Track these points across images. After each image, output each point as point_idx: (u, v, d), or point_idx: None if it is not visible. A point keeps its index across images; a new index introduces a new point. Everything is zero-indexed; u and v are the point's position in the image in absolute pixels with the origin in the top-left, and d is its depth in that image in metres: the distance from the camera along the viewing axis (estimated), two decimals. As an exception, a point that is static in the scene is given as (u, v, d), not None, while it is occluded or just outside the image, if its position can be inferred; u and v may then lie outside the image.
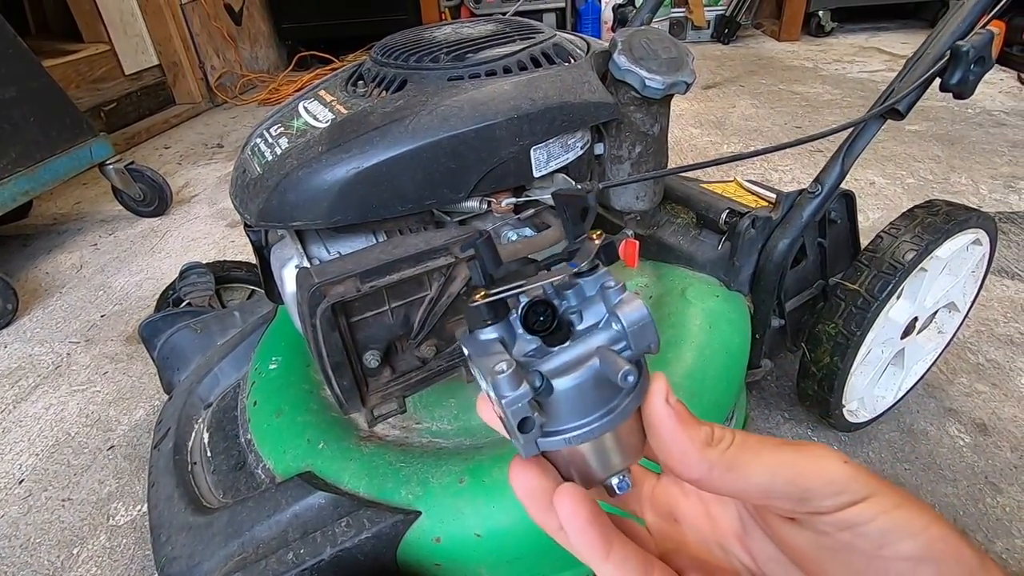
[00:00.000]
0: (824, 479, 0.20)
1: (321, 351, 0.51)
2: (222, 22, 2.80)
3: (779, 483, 0.20)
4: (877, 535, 0.19)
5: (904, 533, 0.19)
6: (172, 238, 1.63)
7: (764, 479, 0.21)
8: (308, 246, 0.58)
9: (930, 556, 0.19)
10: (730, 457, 0.21)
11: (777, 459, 0.21)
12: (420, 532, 0.56)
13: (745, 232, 0.73)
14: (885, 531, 0.19)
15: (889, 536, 0.19)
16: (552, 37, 0.63)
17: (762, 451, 0.21)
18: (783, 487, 0.20)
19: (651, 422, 0.22)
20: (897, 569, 0.19)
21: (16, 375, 1.15)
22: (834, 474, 0.20)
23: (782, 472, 0.20)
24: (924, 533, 0.19)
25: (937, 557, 0.19)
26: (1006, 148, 1.78)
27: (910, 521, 0.19)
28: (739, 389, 0.76)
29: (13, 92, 1.39)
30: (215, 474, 0.69)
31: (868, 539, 0.19)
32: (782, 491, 0.20)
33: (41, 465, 0.95)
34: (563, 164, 0.61)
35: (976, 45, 0.63)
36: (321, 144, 0.53)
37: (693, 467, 0.22)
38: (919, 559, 0.19)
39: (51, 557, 0.81)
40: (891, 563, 0.19)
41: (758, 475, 0.21)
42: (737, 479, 0.21)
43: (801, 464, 0.20)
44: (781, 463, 0.21)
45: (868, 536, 0.19)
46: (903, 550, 0.19)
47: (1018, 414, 0.92)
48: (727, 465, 0.21)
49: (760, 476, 0.21)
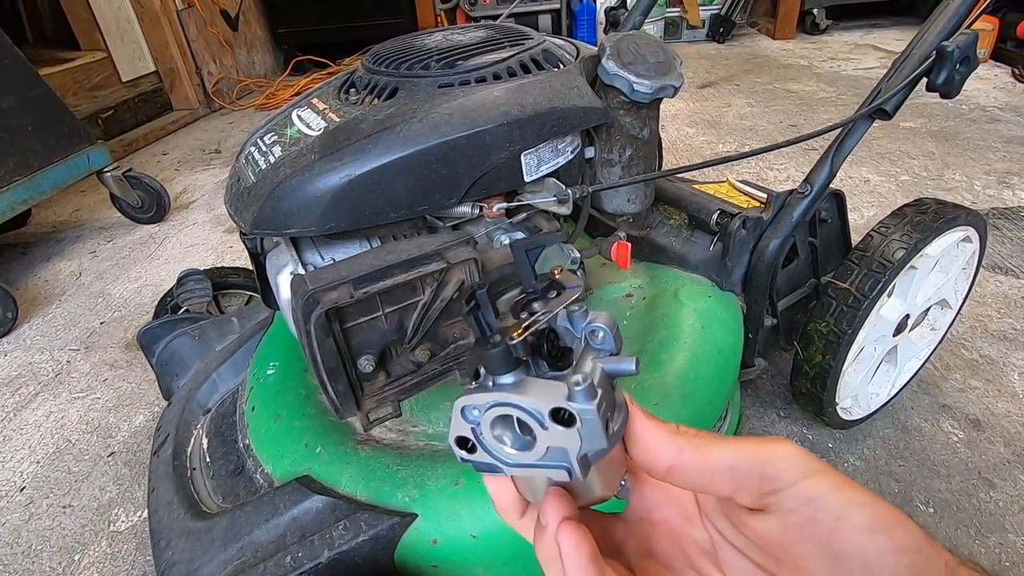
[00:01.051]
0: (782, 456, 0.22)
1: (316, 357, 0.52)
2: (218, 28, 2.81)
3: (743, 458, 0.23)
4: (834, 506, 0.21)
5: (857, 505, 0.21)
6: (170, 245, 1.64)
7: (730, 456, 0.23)
8: (303, 252, 0.59)
9: (881, 526, 0.21)
10: (698, 442, 0.24)
11: (739, 443, 0.23)
12: (417, 534, 0.57)
13: (736, 233, 0.74)
14: (840, 502, 0.21)
15: (844, 508, 0.21)
16: (541, 43, 0.64)
17: (725, 439, 0.24)
18: (747, 462, 0.23)
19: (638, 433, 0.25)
20: (855, 539, 0.21)
21: (16, 383, 1.16)
22: (790, 450, 0.23)
23: (745, 452, 0.23)
24: (872, 507, 0.21)
25: (887, 527, 0.21)
26: (1000, 144, 1.78)
27: (858, 496, 0.21)
28: (733, 388, 0.76)
29: (11, 101, 1.40)
30: (214, 479, 0.70)
31: (827, 511, 0.21)
32: (746, 467, 0.23)
33: (42, 472, 0.96)
34: (554, 168, 0.61)
35: (961, 45, 0.64)
36: (314, 152, 0.54)
37: (665, 452, 0.24)
38: (871, 529, 0.21)
39: (53, 563, 0.82)
40: (851, 534, 0.21)
41: (725, 454, 0.23)
42: (707, 459, 0.23)
43: (761, 444, 0.23)
44: (743, 445, 0.23)
45: (827, 508, 0.21)
46: (859, 520, 0.21)
47: (1011, 409, 0.92)
48: (695, 448, 0.24)
49: (726, 455, 0.23)
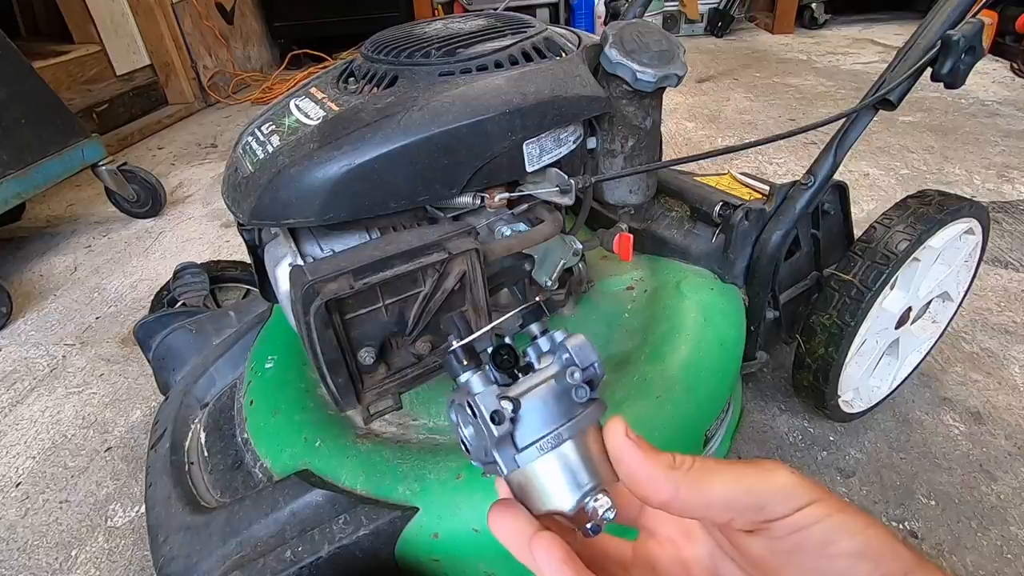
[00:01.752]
0: (776, 487, 0.23)
1: (316, 349, 0.51)
2: (214, 21, 2.79)
3: (739, 494, 0.23)
4: (821, 535, 0.22)
5: (844, 533, 0.22)
6: (166, 239, 1.63)
7: (726, 491, 0.23)
8: (301, 244, 0.58)
9: (868, 553, 0.21)
10: (694, 475, 0.24)
11: (734, 474, 0.23)
12: (418, 528, 0.56)
13: (739, 225, 0.73)
14: (828, 531, 0.22)
15: (831, 535, 0.22)
16: (543, 31, 0.63)
17: (721, 469, 0.24)
18: (743, 497, 0.23)
19: (616, 455, 0.25)
20: (840, 566, 0.22)
21: (11, 378, 1.15)
22: (784, 482, 0.23)
23: (740, 484, 0.23)
24: (862, 534, 0.22)
25: (875, 555, 0.21)
26: (999, 138, 1.78)
27: (849, 523, 0.22)
28: (735, 381, 0.76)
29: (4, 94, 1.38)
30: (212, 474, 0.69)
31: (814, 539, 0.22)
32: (742, 501, 0.23)
33: (38, 468, 0.95)
34: (556, 158, 0.61)
35: (967, 34, 0.64)
36: (313, 141, 0.53)
37: (661, 488, 0.24)
38: (859, 556, 0.21)
39: (49, 559, 0.81)
40: (835, 560, 0.22)
41: (720, 488, 0.23)
42: (702, 494, 0.24)
43: (755, 476, 0.23)
44: (738, 476, 0.23)
45: (814, 537, 0.22)
46: (844, 548, 0.22)
47: (1012, 402, 0.92)
48: (691, 483, 0.24)
49: (722, 489, 0.23)
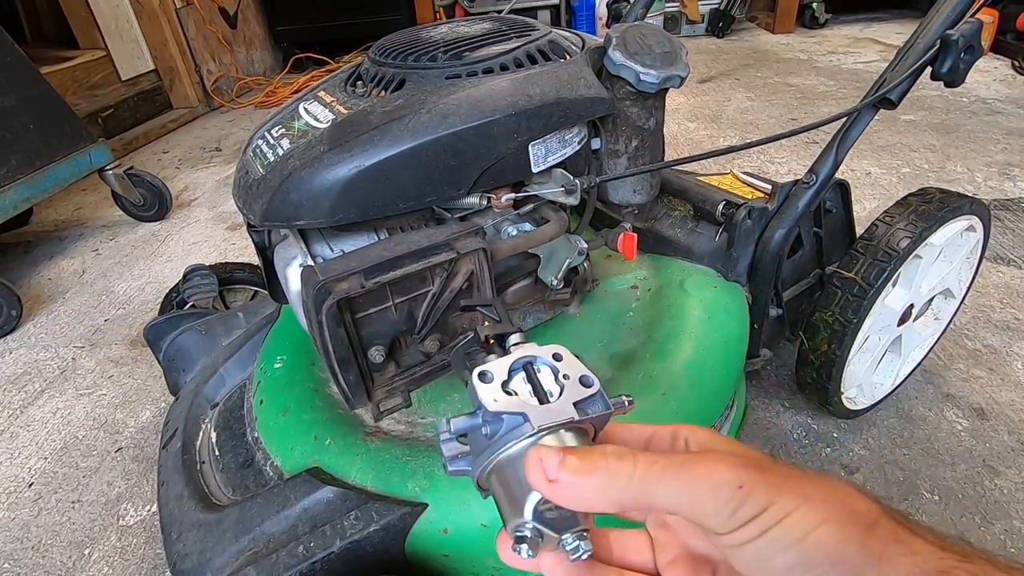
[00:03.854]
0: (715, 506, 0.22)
1: (327, 347, 0.52)
2: (217, 26, 2.81)
3: (681, 507, 0.23)
4: (755, 552, 0.22)
5: (778, 548, 0.21)
6: (173, 242, 1.64)
7: (668, 504, 0.23)
8: (311, 245, 0.59)
9: (804, 563, 0.21)
10: (635, 490, 0.23)
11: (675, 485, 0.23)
12: (427, 524, 0.57)
13: (742, 223, 0.74)
14: (762, 548, 0.21)
15: (766, 552, 0.22)
16: (547, 34, 0.64)
17: (665, 477, 0.23)
18: (684, 511, 0.23)
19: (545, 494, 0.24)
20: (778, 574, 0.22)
21: (22, 380, 1.16)
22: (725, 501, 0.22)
23: (682, 499, 0.23)
24: (798, 544, 0.21)
25: (812, 563, 0.21)
26: (1000, 136, 1.78)
27: (789, 532, 0.21)
28: (738, 378, 0.77)
29: (12, 100, 1.40)
30: (224, 472, 0.70)
31: (749, 555, 0.22)
32: (684, 513, 0.23)
33: (50, 468, 0.96)
34: (561, 159, 0.61)
35: (966, 34, 0.64)
36: (322, 144, 0.54)
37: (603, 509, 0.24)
38: (793, 567, 0.21)
39: (63, 558, 0.82)
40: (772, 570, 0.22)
41: (662, 502, 0.23)
42: (649, 506, 0.23)
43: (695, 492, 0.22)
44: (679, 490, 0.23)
45: (750, 553, 0.22)
46: (779, 563, 0.21)
47: (1015, 398, 0.93)
48: (634, 498, 0.23)
49: (664, 502, 0.23)
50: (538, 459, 0.24)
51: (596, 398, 0.27)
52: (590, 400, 0.27)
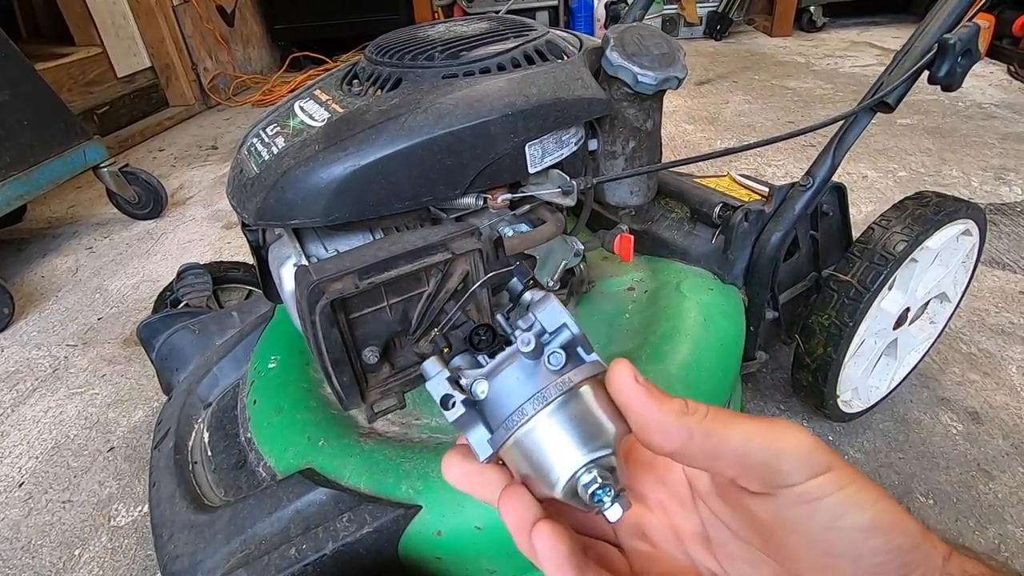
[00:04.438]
0: (791, 450, 0.22)
1: (321, 348, 0.52)
2: (214, 24, 2.80)
3: (754, 447, 0.22)
4: (834, 507, 0.21)
5: (857, 507, 0.21)
6: (168, 240, 1.63)
7: (740, 443, 0.22)
8: (306, 244, 0.59)
9: (879, 527, 0.21)
10: (708, 424, 0.23)
11: (751, 427, 0.22)
12: (421, 526, 0.57)
13: (738, 226, 0.74)
14: (841, 503, 0.21)
15: (844, 508, 0.21)
16: (545, 34, 0.64)
17: (736, 420, 0.23)
18: (757, 452, 0.22)
19: (625, 402, 0.23)
20: (851, 538, 0.21)
21: (14, 379, 1.15)
22: (802, 443, 0.22)
23: (756, 438, 0.22)
24: (873, 507, 0.21)
25: (885, 528, 0.21)
26: (996, 140, 1.79)
27: (861, 496, 0.21)
28: (735, 381, 0.76)
29: (6, 96, 1.39)
30: (216, 473, 0.70)
31: (826, 511, 0.21)
32: (755, 458, 0.22)
33: (41, 468, 0.95)
34: (558, 160, 0.61)
35: (963, 38, 0.64)
36: (318, 143, 0.54)
37: (673, 436, 0.23)
38: (870, 530, 0.21)
39: (53, 559, 0.81)
40: (845, 533, 0.21)
41: (735, 439, 0.22)
42: (717, 444, 0.22)
43: (773, 432, 0.22)
44: (755, 430, 0.22)
45: (826, 509, 0.21)
46: (856, 522, 0.21)
47: (1009, 402, 0.93)
48: (705, 432, 0.22)
49: (737, 440, 0.22)
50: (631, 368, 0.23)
51: None
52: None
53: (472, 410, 0.25)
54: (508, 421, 0.24)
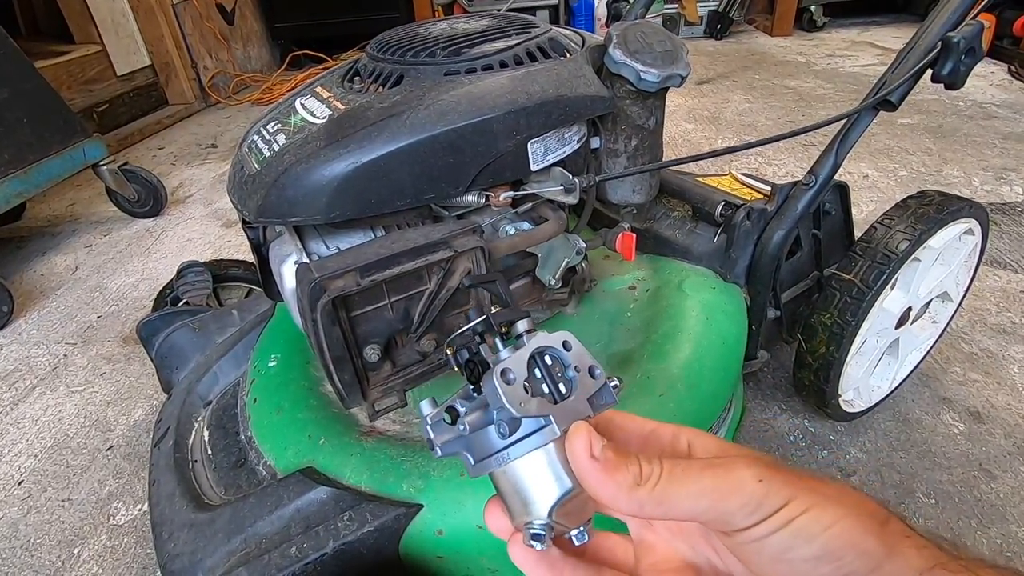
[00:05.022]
0: (740, 500, 0.23)
1: (322, 346, 0.52)
2: (214, 22, 2.79)
3: (702, 507, 0.23)
4: (779, 543, 0.22)
5: (804, 539, 0.22)
6: (167, 239, 1.63)
7: (689, 505, 0.23)
8: (307, 242, 0.59)
9: (828, 555, 0.22)
10: (658, 493, 0.24)
11: (698, 488, 0.23)
12: (422, 525, 0.57)
13: (740, 224, 0.74)
14: (786, 538, 0.22)
15: (790, 542, 0.22)
16: (547, 32, 0.63)
17: (686, 481, 0.24)
18: (706, 511, 0.23)
19: (579, 475, 0.25)
20: (799, 569, 0.22)
21: (13, 377, 1.15)
22: (747, 495, 0.23)
23: (705, 497, 0.23)
24: (824, 534, 0.22)
25: (837, 554, 0.22)
26: (997, 140, 1.79)
27: (813, 525, 0.22)
28: (736, 380, 0.76)
29: (5, 94, 1.38)
30: (216, 471, 0.70)
31: (773, 547, 0.23)
32: (706, 514, 0.23)
33: (40, 466, 0.95)
34: (560, 158, 0.61)
35: (967, 36, 0.64)
36: (319, 140, 0.53)
37: (624, 507, 0.24)
38: (818, 559, 0.22)
39: (52, 557, 0.81)
40: (793, 564, 0.22)
41: (685, 502, 0.23)
42: (666, 510, 0.24)
43: (723, 486, 0.23)
44: (702, 491, 0.23)
45: (772, 544, 0.23)
46: (802, 554, 0.22)
47: (1011, 402, 0.93)
48: (656, 501, 0.24)
49: (686, 503, 0.23)
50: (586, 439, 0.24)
51: (604, 390, 0.27)
52: (599, 393, 0.27)
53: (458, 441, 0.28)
54: (482, 464, 0.27)
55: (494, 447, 0.26)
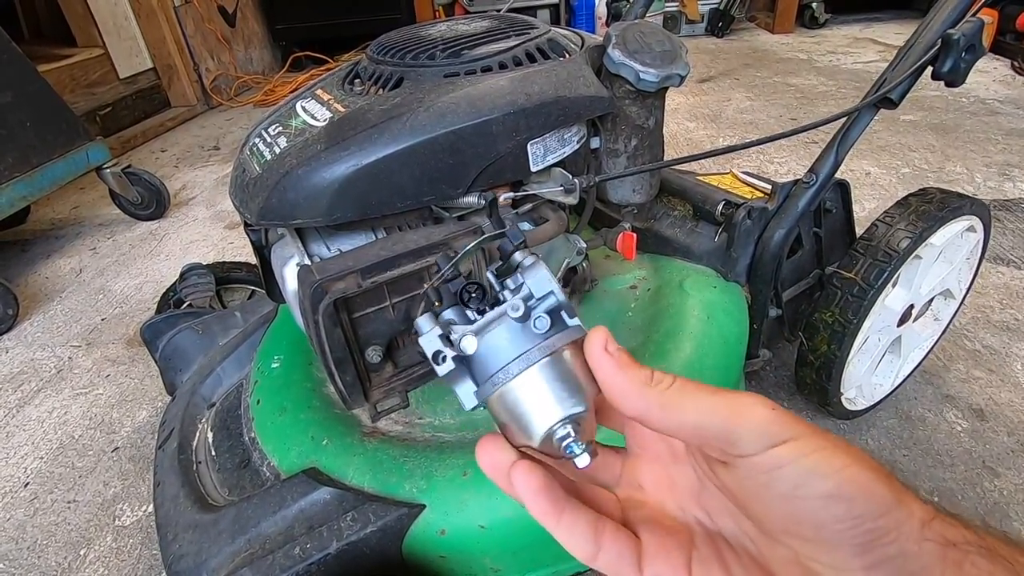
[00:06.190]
0: (749, 424, 0.22)
1: (324, 347, 0.52)
2: (216, 24, 2.80)
3: (710, 421, 0.23)
4: (792, 477, 0.22)
5: (816, 476, 0.21)
6: (171, 241, 1.63)
7: (696, 417, 0.23)
8: (308, 244, 0.59)
9: (840, 495, 0.21)
10: (668, 397, 0.24)
11: (710, 402, 0.23)
12: (425, 525, 0.57)
13: (741, 223, 0.74)
14: (799, 473, 0.21)
15: (802, 478, 0.21)
16: (547, 32, 0.64)
17: (697, 394, 0.23)
18: (713, 425, 0.23)
19: (594, 368, 0.25)
20: (810, 506, 0.21)
21: (19, 379, 1.16)
22: (759, 419, 0.22)
23: (713, 412, 0.23)
24: (836, 475, 0.21)
25: (849, 496, 0.21)
26: (1000, 136, 1.78)
27: (824, 464, 0.21)
28: (738, 379, 0.76)
29: (9, 97, 1.39)
30: (220, 472, 0.70)
31: (784, 481, 0.22)
32: (712, 431, 0.23)
33: (46, 468, 0.96)
34: (560, 158, 0.61)
35: (967, 33, 0.64)
36: (320, 142, 0.54)
37: (632, 404, 0.24)
38: (830, 498, 0.21)
39: (58, 559, 0.82)
40: (804, 502, 0.21)
41: (692, 414, 0.23)
42: (672, 417, 0.24)
43: (732, 405, 0.23)
44: (713, 406, 0.23)
45: (784, 479, 0.22)
46: (815, 490, 0.21)
47: (1015, 399, 0.93)
48: (662, 405, 0.24)
49: (693, 415, 0.23)
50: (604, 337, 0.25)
51: None
52: None
53: (461, 365, 0.27)
54: (494, 377, 0.26)
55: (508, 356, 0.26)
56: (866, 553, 0.21)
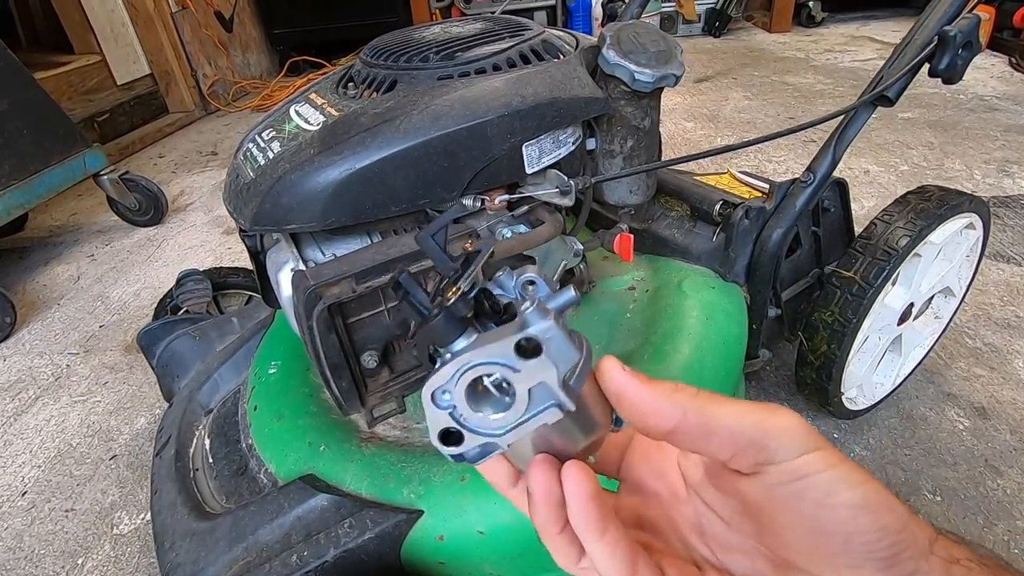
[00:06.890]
0: (783, 425, 0.22)
1: (319, 353, 0.52)
2: (213, 29, 2.80)
3: (745, 424, 0.23)
4: (825, 484, 0.22)
5: (847, 484, 0.22)
6: (169, 247, 1.63)
7: (732, 420, 0.23)
8: (303, 249, 0.58)
9: (868, 506, 0.21)
10: (700, 402, 0.23)
11: (741, 407, 0.23)
12: (423, 531, 0.56)
13: (739, 223, 0.73)
14: (831, 481, 0.22)
15: (835, 486, 0.22)
16: (541, 34, 0.63)
17: (727, 400, 0.23)
18: (749, 429, 0.22)
19: (618, 392, 0.24)
20: (841, 516, 0.21)
21: (16, 387, 1.15)
22: (792, 423, 0.22)
23: (747, 416, 0.23)
24: (863, 486, 0.22)
25: (874, 507, 0.21)
26: (999, 133, 1.78)
27: (851, 475, 0.22)
28: (738, 380, 0.76)
29: (6, 105, 1.39)
30: (217, 480, 0.69)
31: (817, 488, 0.22)
32: (746, 436, 0.23)
33: (43, 476, 0.95)
34: (555, 160, 0.61)
35: (963, 30, 0.64)
36: (313, 147, 0.53)
37: (668, 415, 0.23)
38: (860, 507, 0.21)
39: (56, 568, 0.81)
40: (836, 510, 0.21)
41: (727, 417, 0.23)
42: (709, 421, 0.23)
43: (764, 412, 0.23)
44: (745, 411, 0.23)
45: (817, 485, 0.22)
46: (847, 499, 0.21)
47: (1017, 397, 0.92)
48: (698, 409, 0.23)
49: (728, 418, 0.23)
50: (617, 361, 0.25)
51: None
52: None
53: None
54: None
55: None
56: (888, 569, 0.21)
